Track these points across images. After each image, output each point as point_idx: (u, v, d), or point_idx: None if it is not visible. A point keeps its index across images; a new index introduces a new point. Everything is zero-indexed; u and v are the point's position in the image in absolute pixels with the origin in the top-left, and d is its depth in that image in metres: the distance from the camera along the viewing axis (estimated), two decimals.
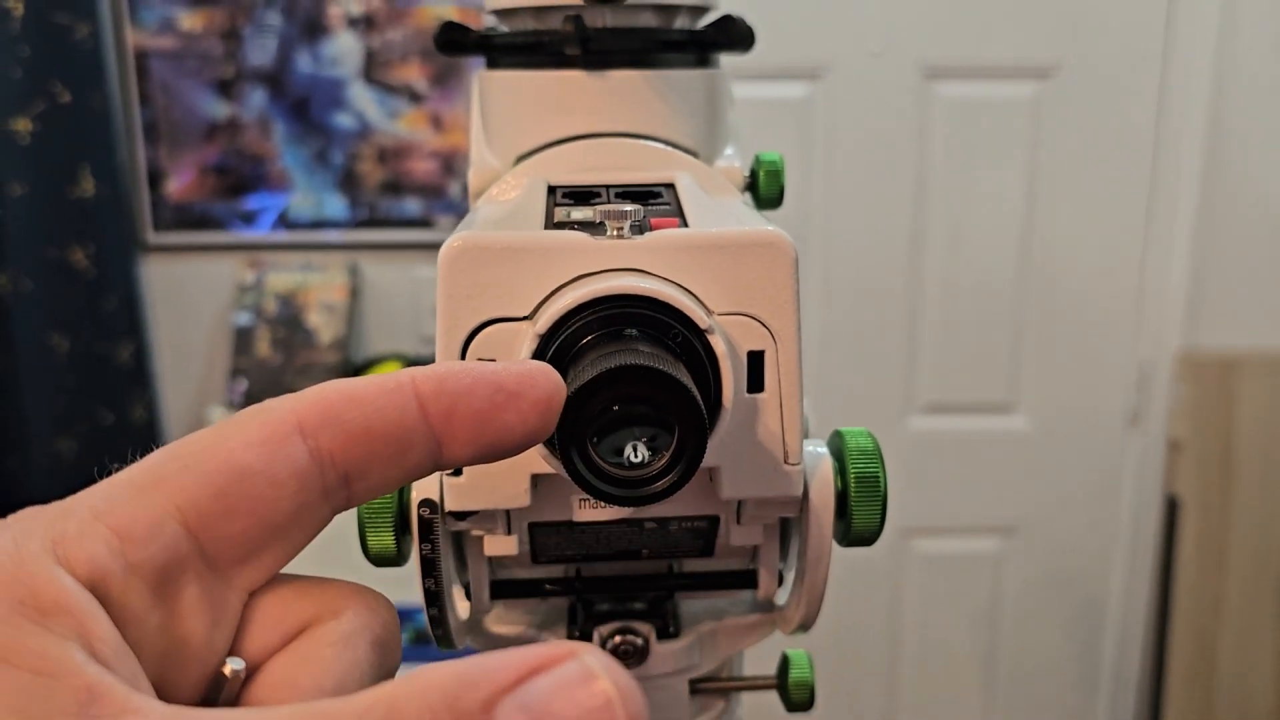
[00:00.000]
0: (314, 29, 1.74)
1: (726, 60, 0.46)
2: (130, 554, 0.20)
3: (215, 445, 0.21)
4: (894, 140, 1.71)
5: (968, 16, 1.67)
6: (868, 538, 0.36)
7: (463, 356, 0.32)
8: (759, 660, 0.45)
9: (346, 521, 0.35)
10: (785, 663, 0.43)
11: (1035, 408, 1.81)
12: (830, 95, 1.70)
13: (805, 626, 0.40)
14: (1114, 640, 1.89)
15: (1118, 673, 1.90)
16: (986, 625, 1.90)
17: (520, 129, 0.43)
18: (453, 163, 1.78)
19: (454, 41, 0.43)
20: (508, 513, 0.36)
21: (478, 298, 0.32)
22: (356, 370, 1.78)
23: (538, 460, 0.33)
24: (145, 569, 0.20)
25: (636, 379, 0.27)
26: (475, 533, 0.37)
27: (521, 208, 0.37)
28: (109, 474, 0.22)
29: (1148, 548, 1.83)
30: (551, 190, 0.39)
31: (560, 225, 0.35)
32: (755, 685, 0.43)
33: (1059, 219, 1.73)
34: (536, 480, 0.34)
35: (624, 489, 0.28)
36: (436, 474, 0.34)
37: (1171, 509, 1.79)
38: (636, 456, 0.28)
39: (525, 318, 0.32)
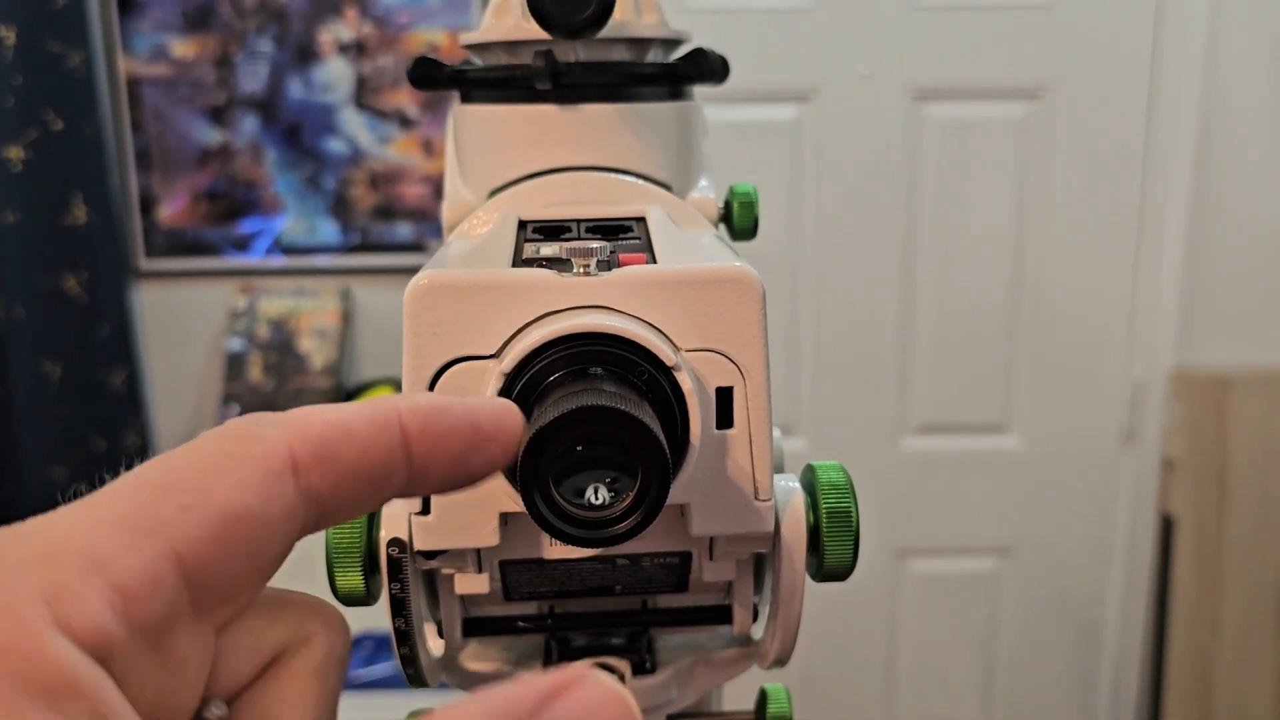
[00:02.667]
0: (305, 55, 1.75)
1: (708, 86, 0.46)
2: (133, 613, 0.19)
3: (212, 484, 0.20)
4: (884, 161, 1.72)
5: (956, 38, 1.68)
6: (840, 573, 0.36)
7: None
8: (738, 694, 0.45)
9: (312, 545, 0.35)
10: (763, 697, 0.42)
11: (1029, 427, 1.80)
12: (820, 117, 1.71)
13: (782, 661, 0.39)
14: (1111, 659, 1.88)
15: (1115, 692, 1.89)
16: (983, 645, 1.89)
17: (493, 163, 0.43)
18: (444, 187, 1.78)
19: (428, 76, 0.43)
20: (478, 551, 0.36)
21: (444, 336, 0.32)
22: (349, 395, 1.78)
23: (506, 499, 0.32)
24: (146, 626, 0.19)
25: (599, 419, 0.27)
26: (446, 571, 0.37)
27: (490, 243, 0.37)
28: (81, 494, 0.21)
29: (1143, 566, 1.83)
30: (522, 225, 0.39)
31: (529, 261, 0.35)
32: None
33: (1050, 239, 1.73)
34: (506, 518, 0.34)
35: (586, 530, 0.28)
36: (406, 513, 0.34)
37: (1167, 527, 1.79)
38: (598, 498, 0.28)
39: (492, 356, 0.32)
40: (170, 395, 1.85)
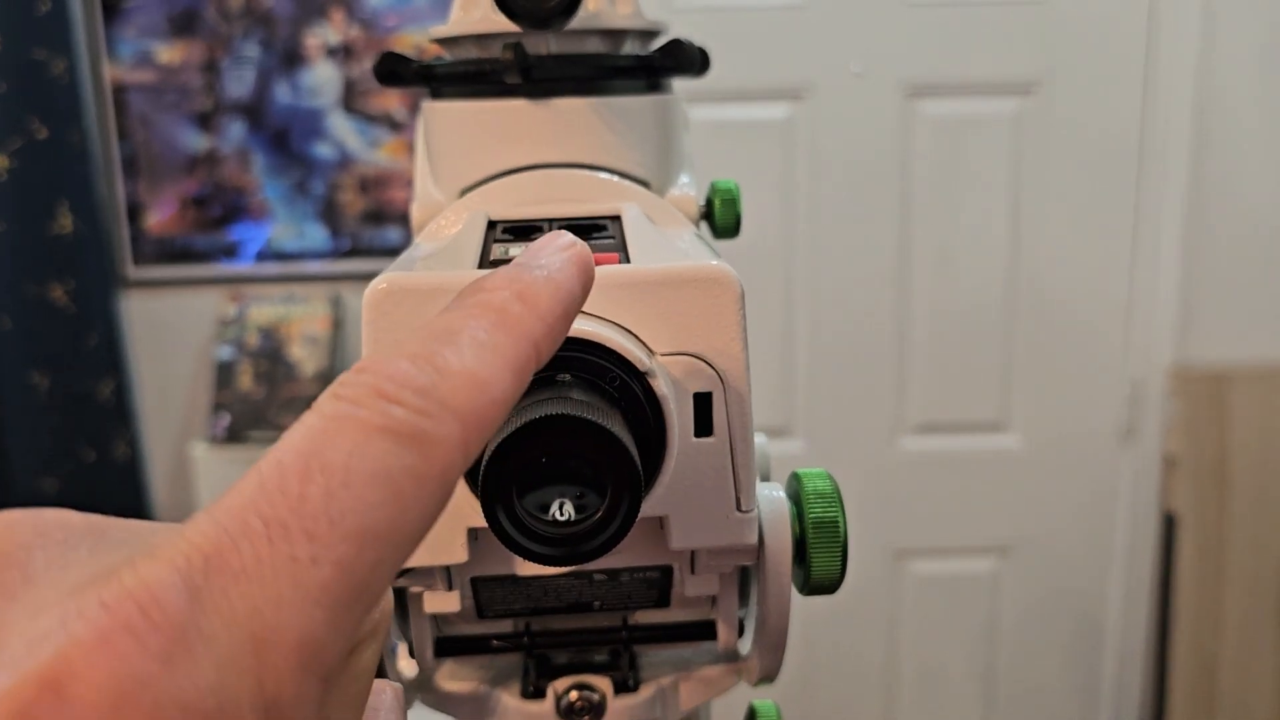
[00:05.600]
0: (292, 59, 1.73)
1: (699, 82, 0.45)
2: (326, 689, 0.18)
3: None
4: (878, 159, 1.70)
5: (949, 34, 1.67)
6: (828, 586, 0.34)
7: None
8: (727, 711, 0.43)
9: None
10: (752, 715, 0.41)
11: (1028, 426, 1.79)
12: (813, 115, 1.69)
13: (769, 677, 0.38)
14: (1114, 659, 1.87)
15: (1118, 692, 1.87)
16: (984, 646, 1.88)
17: (464, 161, 0.42)
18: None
19: (394, 72, 0.42)
20: (447, 568, 0.34)
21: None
22: None
23: (474, 514, 0.31)
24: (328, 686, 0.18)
25: (564, 430, 0.26)
26: (414, 589, 0.35)
27: (456, 245, 0.35)
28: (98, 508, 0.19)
29: (1145, 565, 1.81)
30: (492, 225, 0.38)
31: (496, 263, 0.34)
32: None
33: (1046, 235, 1.72)
34: (475, 534, 0.32)
35: (552, 548, 0.26)
36: None
37: (1168, 525, 1.77)
38: (563, 515, 0.26)
39: None
40: (159, 405, 1.83)
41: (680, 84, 0.45)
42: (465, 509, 0.31)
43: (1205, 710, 1.76)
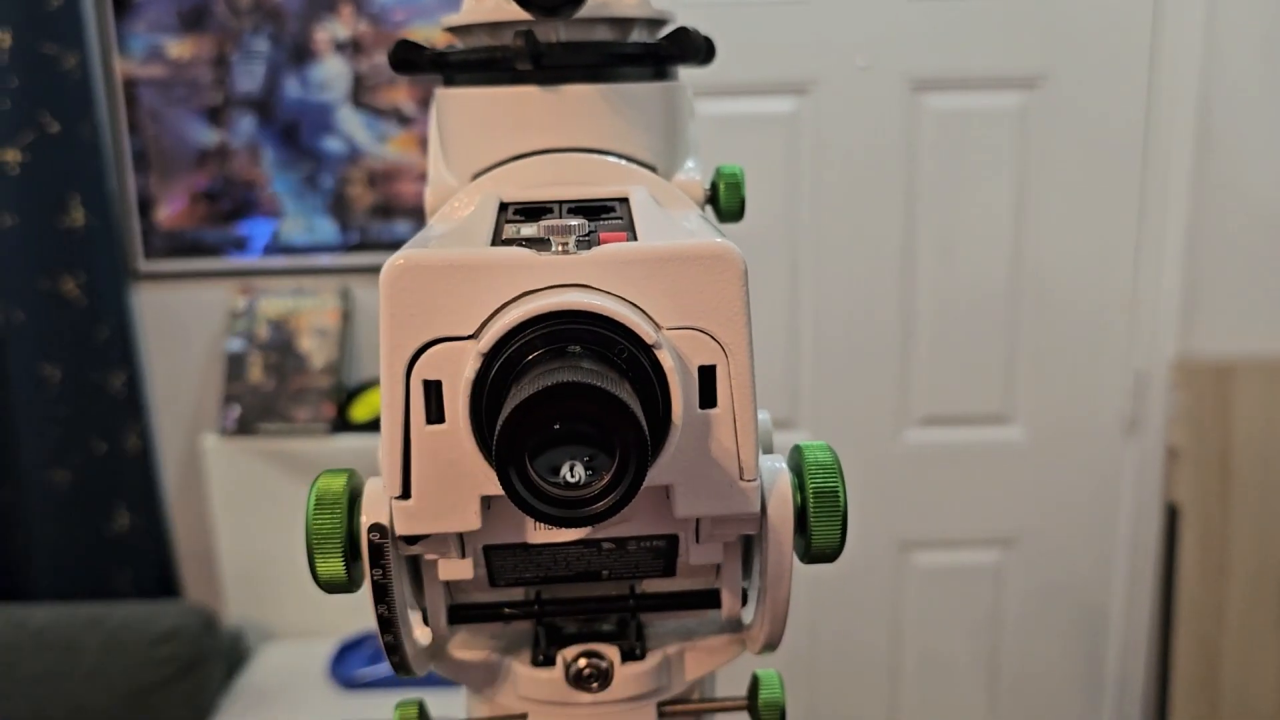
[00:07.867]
0: (301, 54, 1.75)
1: (703, 73, 0.46)
2: None
3: None
4: (882, 153, 1.71)
5: (954, 28, 1.67)
6: (829, 554, 0.35)
7: (407, 377, 0.32)
8: (731, 681, 0.45)
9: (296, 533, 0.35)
10: (755, 683, 0.42)
11: (1032, 418, 1.80)
12: (818, 109, 1.70)
13: (772, 646, 0.39)
14: (1117, 649, 1.88)
15: (1121, 682, 1.88)
16: (988, 637, 1.89)
17: (476, 146, 0.43)
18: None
19: (409, 60, 0.43)
20: (460, 536, 0.35)
21: (421, 317, 0.31)
22: (350, 395, 1.78)
23: (488, 482, 0.32)
24: None
25: (575, 396, 0.27)
26: (429, 557, 0.37)
27: (470, 224, 0.37)
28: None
29: (1148, 556, 1.82)
30: (503, 207, 0.39)
31: (509, 242, 0.35)
32: (726, 706, 0.43)
33: (1050, 228, 1.73)
34: (488, 502, 0.33)
35: (562, 509, 0.27)
36: (387, 498, 0.34)
37: (1171, 516, 1.78)
38: (574, 476, 0.27)
39: (470, 336, 0.31)
40: (170, 396, 1.85)
41: (685, 76, 0.46)
42: (478, 477, 0.32)
43: (1207, 700, 1.77)
